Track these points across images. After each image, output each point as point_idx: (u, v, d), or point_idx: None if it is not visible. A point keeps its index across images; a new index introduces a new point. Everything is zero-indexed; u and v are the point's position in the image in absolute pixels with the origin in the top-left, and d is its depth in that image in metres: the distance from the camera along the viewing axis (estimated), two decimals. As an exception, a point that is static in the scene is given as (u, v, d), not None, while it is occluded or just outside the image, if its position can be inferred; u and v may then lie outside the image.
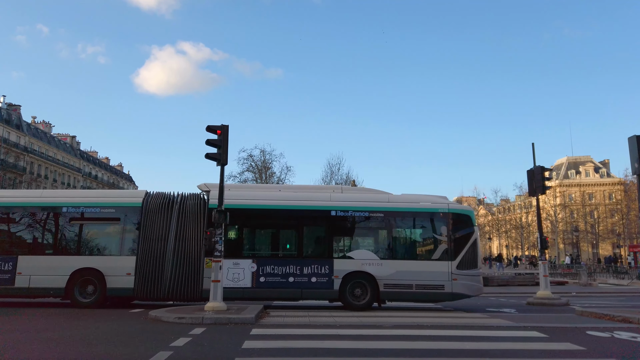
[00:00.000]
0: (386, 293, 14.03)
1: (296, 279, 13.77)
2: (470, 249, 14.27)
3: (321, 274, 13.91)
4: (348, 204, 14.71)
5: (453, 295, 14.08)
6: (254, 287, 13.74)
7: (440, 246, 14.45)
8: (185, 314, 10.75)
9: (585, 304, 17.37)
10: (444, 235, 14.44)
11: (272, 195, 15.05)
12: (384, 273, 13.97)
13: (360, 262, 14.12)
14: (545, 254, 18.26)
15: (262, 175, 51.12)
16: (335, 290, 13.85)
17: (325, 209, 14.56)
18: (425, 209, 14.81)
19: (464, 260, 14.18)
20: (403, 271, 14.05)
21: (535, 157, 19.00)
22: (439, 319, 11.97)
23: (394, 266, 14.12)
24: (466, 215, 14.80)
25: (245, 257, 14.10)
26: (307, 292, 13.92)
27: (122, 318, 11.51)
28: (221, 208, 12.14)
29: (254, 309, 11.83)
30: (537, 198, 18.74)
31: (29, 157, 71.37)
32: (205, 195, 14.67)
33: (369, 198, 15.04)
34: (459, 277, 14.04)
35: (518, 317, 12.73)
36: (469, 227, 14.55)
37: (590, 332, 9.86)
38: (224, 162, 12.37)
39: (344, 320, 11.37)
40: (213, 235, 12.01)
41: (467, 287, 14.16)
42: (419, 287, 13.95)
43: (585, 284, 29.88)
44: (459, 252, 14.21)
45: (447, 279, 14.01)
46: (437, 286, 13.97)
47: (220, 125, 12.47)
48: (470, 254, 14.25)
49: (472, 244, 14.34)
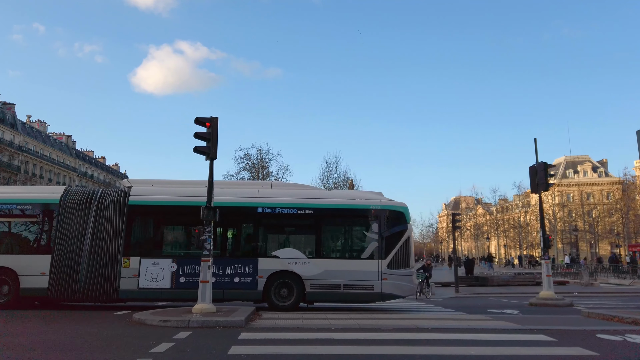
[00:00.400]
0: (313, 293, 13.38)
1: (218, 280, 13.04)
2: (402, 247, 13.60)
3: (245, 274, 13.29)
4: (276, 200, 14.03)
5: (382, 295, 13.43)
6: (173, 287, 13.12)
7: (371, 244, 13.80)
8: (170, 317, 10.13)
9: (590, 305, 16.82)
10: (375, 233, 13.76)
11: (197, 191, 14.23)
12: (311, 272, 13.35)
13: (287, 262, 13.47)
14: (548, 252, 17.66)
15: (259, 175, 50.52)
16: (259, 291, 13.26)
17: (251, 205, 13.91)
18: (356, 206, 14.16)
19: (396, 259, 13.52)
20: (331, 270, 13.41)
21: (538, 153, 18.39)
22: (440, 322, 11.37)
23: (322, 265, 13.49)
24: (399, 211, 14.09)
25: (164, 257, 13.49)
26: (229, 293, 13.27)
27: (105, 321, 10.87)
28: (210, 204, 11.51)
29: (244, 311, 11.21)
30: (540, 195, 18.16)
31: (24, 156, 70.69)
32: (127, 192, 14.01)
33: (298, 194, 14.35)
34: (389, 277, 13.37)
35: (522, 319, 12.13)
36: (402, 225, 13.89)
37: (601, 336, 9.27)
38: (213, 156, 11.75)
39: (339, 322, 10.76)
40: (202, 233, 11.38)
41: (398, 287, 13.50)
42: (347, 287, 13.30)
43: (586, 283, 29.35)
44: (390, 251, 13.54)
45: (376, 279, 13.35)
46: (366, 286, 13.32)
47: (209, 117, 11.84)
48: (402, 253, 13.58)
49: (404, 242, 13.67)
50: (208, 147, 11.73)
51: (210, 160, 11.77)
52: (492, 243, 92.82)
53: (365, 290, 13.35)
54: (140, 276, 13.15)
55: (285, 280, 13.37)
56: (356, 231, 14.50)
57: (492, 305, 17.09)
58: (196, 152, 11.77)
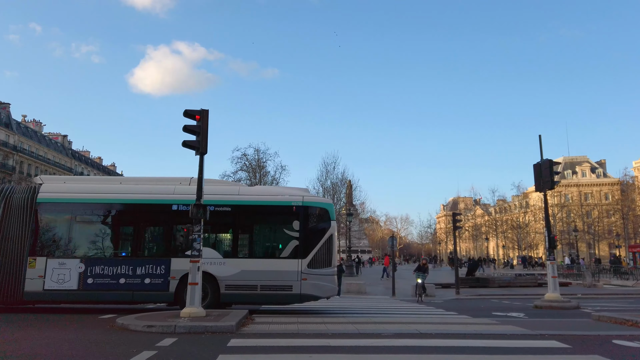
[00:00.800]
0: (228, 295, 12.67)
1: (128, 281, 12.47)
2: (324, 246, 12.92)
3: (156, 274, 12.60)
4: (192, 197, 13.17)
5: (301, 296, 12.75)
6: (80, 289, 12.43)
7: (291, 243, 13.05)
8: (156, 322, 9.42)
9: (597, 308, 16.21)
10: (296, 231, 13.05)
11: (110, 188, 13.65)
12: (226, 273, 12.67)
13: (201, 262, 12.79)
14: (554, 253, 17.03)
15: (256, 175, 49.89)
16: (170, 293, 12.53)
17: (165, 202, 13.20)
18: (277, 202, 13.50)
19: (317, 259, 12.83)
20: (248, 271, 12.73)
21: (542, 151, 17.74)
22: (443, 326, 10.70)
23: (239, 265, 12.82)
24: (323, 209, 13.42)
25: (72, 257, 12.78)
26: (139, 295, 12.61)
27: (86, 326, 10.16)
28: (200, 202, 10.83)
29: (236, 315, 10.53)
30: (545, 194, 17.52)
31: (19, 156, 69.96)
32: (37, 189, 13.29)
33: (217, 191, 13.62)
34: (309, 277, 12.69)
35: (530, 323, 11.47)
36: (325, 222, 13.21)
37: (617, 342, 8.63)
38: (203, 151, 11.07)
39: (337, 328, 10.08)
40: (190, 233, 10.70)
41: (318, 287, 12.78)
42: (264, 288, 12.61)
43: (589, 285, 28.76)
44: (312, 250, 12.84)
45: (295, 279, 12.67)
46: (285, 287, 12.66)
47: (199, 109, 11.17)
48: (324, 252, 12.90)
49: (326, 240, 12.98)
50: (198, 141, 11.06)
51: (200, 155, 11.10)
52: (490, 244, 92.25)
53: (283, 292, 12.67)
54: (46, 277, 12.45)
55: None
56: (276, 229, 13.71)
57: (496, 308, 16.46)
58: (185, 147, 11.11)
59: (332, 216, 13.41)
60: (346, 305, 16.81)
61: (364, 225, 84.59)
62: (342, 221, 52.16)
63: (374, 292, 24.91)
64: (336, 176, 54.35)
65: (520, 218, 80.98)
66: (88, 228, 13.61)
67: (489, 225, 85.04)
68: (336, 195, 54.36)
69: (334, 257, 13.08)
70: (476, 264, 35.61)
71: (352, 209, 52.04)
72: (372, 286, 27.90)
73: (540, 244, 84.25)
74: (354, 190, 57.52)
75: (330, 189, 54.11)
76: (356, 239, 65.01)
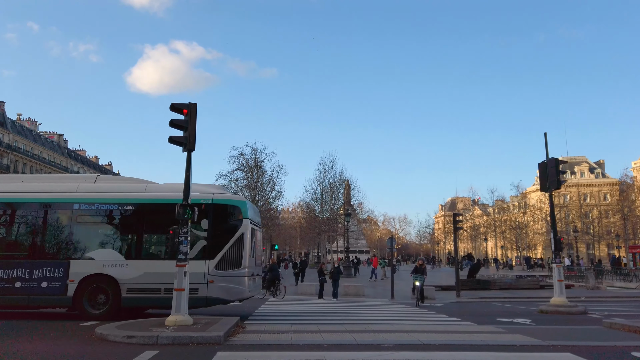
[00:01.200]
0: (129, 299, 11.90)
1: (24, 284, 11.71)
2: (234, 246, 12.17)
3: (54, 277, 11.83)
4: (95, 195, 12.64)
5: (207, 300, 11.95)
6: None
7: (199, 243, 12.26)
8: (137, 332, 8.70)
9: (605, 312, 15.55)
10: (204, 230, 12.28)
11: (10, 187, 12.87)
12: (128, 276, 11.94)
13: (102, 264, 12.04)
14: (560, 255, 16.36)
15: (253, 174, 49.23)
16: (69, 297, 11.77)
17: (66, 201, 12.51)
18: None
19: (226, 259, 12.08)
20: (152, 273, 11.98)
21: (548, 149, 17.08)
22: (447, 336, 9.97)
23: (142, 267, 12.09)
24: (234, 206, 12.67)
25: None
26: (35, 299, 11.84)
27: (64, 335, 9.44)
28: (187, 202, 10.12)
29: (225, 324, 9.82)
30: (550, 194, 16.87)
31: (13, 155, 69.13)
32: None
33: (122, 189, 13.00)
34: (216, 279, 11.93)
35: (539, 332, 10.77)
36: (236, 221, 12.47)
37: (636, 354, 7.96)
38: (191, 147, 10.37)
39: (333, 337, 9.36)
40: (177, 235, 9.98)
41: (226, 290, 12.02)
42: (168, 291, 11.52)
43: (592, 287, 28.10)
44: (220, 250, 12.10)
45: (201, 281, 11.86)
46: (190, 290, 11.52)
47: (187, 103, 10.47)
48: (234, 252, 12.15)
49: (237, 239, 12.22)
50: (185, 137, 10.36)
51: (188, 151, 10.39)
52: (488, 244, 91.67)
53: (189, 295, 11.81)
54: None
55: (100, 285, 11.90)
56: None
57: (499, 313, 15.78)
58: (172, 143, 10.42)
59: (246, 214, 12.59)
60: (344, 310, 16.11)
61: (362, 225, 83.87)
62: (340, 221, 51.55)
63: (372, 294, 24.22)
64: (334, 176, 53.80)
65: (520, 219, 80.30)
66: None
67: (488, 225, 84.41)
68: (334, 195, 53.78)
69: (244, 257, 12.22)
70: (478, 265, 34.80)
71: (350, 209, 51.36)
72: (370, 288, 27.22)
73: (539, 244, 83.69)
74: (352, 190, 56.96)
75: (328, 189, 53.55)
76: (354, 239, 64.33)
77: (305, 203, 60.37)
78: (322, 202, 53.84)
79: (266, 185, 49.68)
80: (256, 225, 13.71)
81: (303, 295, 22.88)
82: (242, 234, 12.27)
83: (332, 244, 60.37)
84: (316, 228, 58.65)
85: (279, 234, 71.49)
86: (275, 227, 62.98)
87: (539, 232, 78.16)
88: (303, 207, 66.16)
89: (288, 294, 23.56)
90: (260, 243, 14.42)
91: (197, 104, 10.49)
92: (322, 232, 57.22)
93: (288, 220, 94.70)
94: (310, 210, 58.69)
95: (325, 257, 59.91)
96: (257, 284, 14.02)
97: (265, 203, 48.67)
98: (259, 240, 14.23)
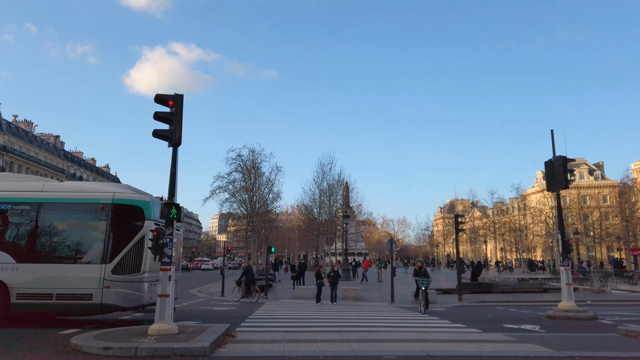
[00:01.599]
0: (19, 305, 11.10)
1: None
2: (133, 249, 11.48)
3: None
4: None
5: (102, 307, 11.21)
6: None
7: (96, 245, 11.64)
8: (114, 343, 7.92)
9: (615, 317, 14.87)
10: (102, 232, 11.62)
11: None
12: (19, 280, 11.19)
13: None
14: (569, 258, 15.62)
15: (251, 176, 48.50)
16: None
17: None
18: (82, 200, 12.02)
19: (124, 263, 11.39)
20: (44, 277, 11.25)
21: (555, 147, 16.34)
22: (453, 345, 9.20)
23: (34, 271, 11.34)
24: (136, 207, 11.91)
25: None
26: None
27: (38, 345, 8.65)
28: (172, 200, 9.37)
29: (212, 332, 9.05)
30: (558, 194, 16.19)
31: (8, 156, 68.40)
32: None
33: (18, 187, 12.23)
34: (112, 284, 11.20)
35: (551, 340, 10.01)
36: (137, 222, 11.74)
37: (663, 367, 7.23)
38: (177, 142, 9.62)
39: (330, 348, 8.59)
40: (161, 236, 9.23)
41: (122, 296, 11.29)
42: (60, 296, 11.05)
43: (597, 290, 27.32)
44: (118, 253, 11.42)
45: (96, 287, 11.15)
46: (84, 295, 11.11)
47: (173, 94, 9.74)
48: (133, 255, 11.45)
49: (137, 242, 11.55)
50: (170, 131, 9.62)
51: (173, 146, 9.64)
52: (488, 246, 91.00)
53: (81, 301, 11.11)
54: None
55: None
56: (80, 230, 12.09)
57: (505, 318, 15.04)
58: (156, 137, 9.66)
59: (149, 215, 11.88)
60: (342, 315, 15.35)
61: (360, 227, 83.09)
62: (339, 223, 50.76)
63: (371, 298, 23.46)
64: (332, 177, 53.05)
65: (521, 221, 79.60)
66: None
67: (487, 227, 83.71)
68: (333, 196, 53.01)
69: (144, 261, 11.49)
70: (480, 268, 34.03)
71: (349, 210, 50.63)
72: (369, 291, 26.47)
73: (539, 246, 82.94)
74: (351, 192, 56.15)
75: (327, 190, 52.77)
76: (353, 241, 63.60)
77: (304, 205, 59.65)
78: (321, 204, 53.07)
79: (264, 186, 48.97)
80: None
81: (300, 299, 22.12)
82: (143, 237, 11.50)
83: (330, 247, 59.63)
84: (314, 230, 57.92)
85: (276, 236, 70.70)
86: (273, 229, 62.22)
87: (538, 234, 77.43)
88: (301, 209, 65.43)
89: (285, 298, 22.82)
90: (176, 244, 13.58)
91: (183, 95, 9.76)
92: (320, 235, 56.48)
93: (286, 222, 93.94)
94: (309, 212, 57.94)
95: (324, 260, 59.10)
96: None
97: (263, 205, 47.97)
98: (174, 242, 13.39)
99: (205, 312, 16.31)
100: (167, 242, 9.21)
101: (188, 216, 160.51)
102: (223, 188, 44.09)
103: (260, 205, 46.59)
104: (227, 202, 45.70)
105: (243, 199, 45.40)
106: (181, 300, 20.85)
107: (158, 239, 9.13)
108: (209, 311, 16.92)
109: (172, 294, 9.24)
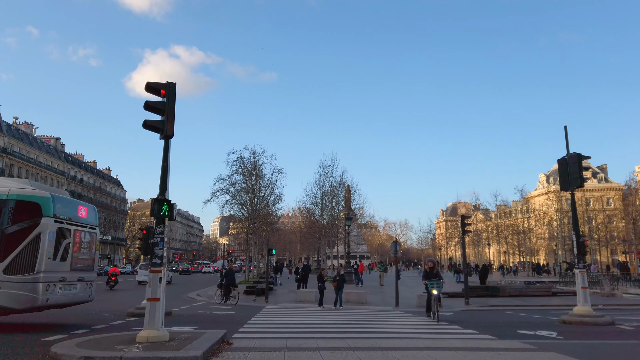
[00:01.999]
0: None
1: None
2: (28, 248, 10.77)
3: None
4: None
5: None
6: None
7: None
8: (97, 352, 7.17)
9: (633, 323, 14.14)
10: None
11: None
12: None
13: None
14: (583, 260, 14.86)
15: (252, 178, 47.84)
16: None
17: None
18: None
19: (17, 263, 10.66)
20: None
21: (568, 144, 15.60)
22: (468, 353, 8.40)
23: None
24: (33, 203, 11.21)
25: None
26: None
27: (15, 353, 7.93)
28: (163, 196, 8.66)
29: (206, 340, 8.31)
30: (572, 193, 15.41)
31: (8, 158, 67.93)
32: None
33: None
34: (4, 285, 10.45)
35: (574, 348, 9.21)
36: (33, 219, 11.04)
37: None
38: (169, 134, 8.92)
39: (335, 357, 7.82)
40: (151, 235, 8.51)
41: (13, 297, 10.50)
42: None
43: (608, 294, 26.54)
44: (11, 252, 10.70)
45: None
46: None
47: (165, 82, 9.05)
48: (27, 254, 10.73)
49: (32, 240, 10.84)
50: (162, 122, 8.92)
51: (165, 138, 8.94)
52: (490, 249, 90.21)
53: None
54: None
55: None
56: None
57: (517, 323, 14.28)
58: (146, 128, 8.97)
59: (48, 212, 11.21)
60: (346, 320, 14.61)
61: (362, 230, 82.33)
62: (341, 225, 50.00)
63: (374, 301, 22.72)
64: (334, 179, 52.35)
65: (525, 223, 78.73)
66: None
67: (490, 230, 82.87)
68: (334, 199, 52.29)
69: (39, 260, 10.81)
70: (486, 270, 33.29)
71: (351, 213, 49.91)
72: (372, 295, 25.72)
73: (542, 249, 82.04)
74: (353, 194, 55.41)
75: (329, 192, 52.06)
76: (355, 244, 62.79)
77: (305, 207, 58.95)
78: (322, 206, 52.36)
79: (265, 188, 48.31)
80: (74, 223, 12.12)
81: (302, 303, 21.38)
82: (39, 234, 10.84)
83: (332, 249, 58.89)
84: (316, 233, 57.22)
85: (278, 239, 69.92)
86: (275, 232, 61.50)
87: (542, 237, 76.57)
88: (303, 211, 64.72)
89: (286, 302, 22.08)
90: (89, 244, 12.78)
91: (176, 83, 9.08)
92: (322, 237, 55.75)
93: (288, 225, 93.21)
94: (310, 214, 57.25)
95: (326, 263, 58.32)
96: (70, 291, 11.98)
97: (264, 207, 47.30)
98: (85, 241, 12.61)
99: (202, 317, 15.59)
100: (157, 241, 8.48)
101: (189, 219, 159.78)
102: (224, 190, 43.44)
103: (262, 208, 45.94)
104: (228, 205, 45.04)
105: (244, 201, 44.74)
106: (179, 304, 20.15)
107: (148, 237, 8.42)
108: (206, 315, 16.19)
109: (163, 297, 8.51)
